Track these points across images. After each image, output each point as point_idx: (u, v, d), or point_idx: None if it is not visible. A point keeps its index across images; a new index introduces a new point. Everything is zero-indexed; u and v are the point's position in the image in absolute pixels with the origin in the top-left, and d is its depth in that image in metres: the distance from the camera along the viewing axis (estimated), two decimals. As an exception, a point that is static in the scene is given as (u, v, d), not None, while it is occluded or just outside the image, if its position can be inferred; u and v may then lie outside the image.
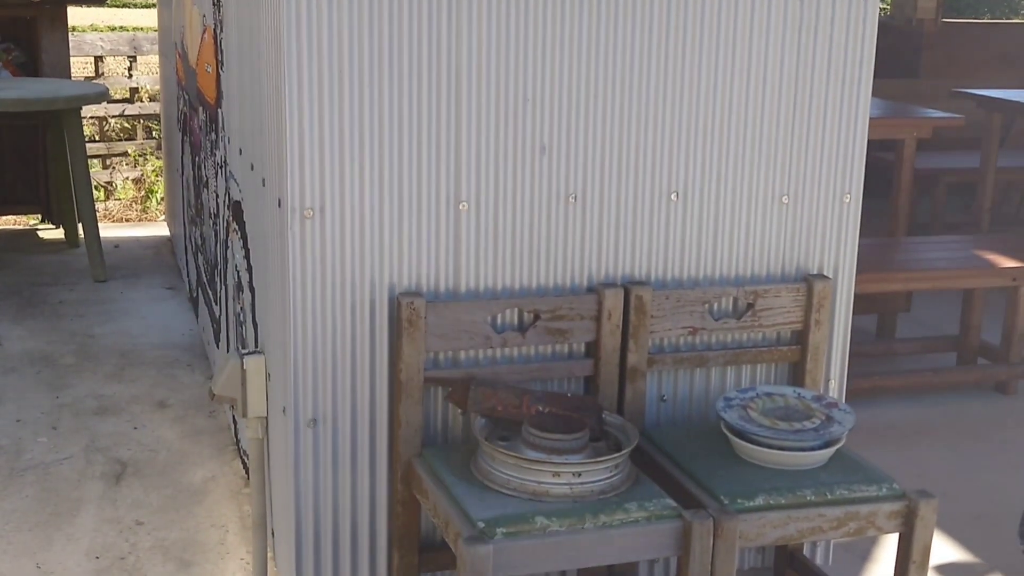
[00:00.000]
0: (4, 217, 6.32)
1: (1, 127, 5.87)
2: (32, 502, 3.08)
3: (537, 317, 2.38)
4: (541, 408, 2.25)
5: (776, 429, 2.29)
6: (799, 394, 2.43)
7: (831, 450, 2.30)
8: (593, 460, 2.13)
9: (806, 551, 2.73)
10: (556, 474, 2.11)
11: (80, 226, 5.28)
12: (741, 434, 2.30)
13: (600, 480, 2.13)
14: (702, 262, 2.52)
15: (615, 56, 2.35)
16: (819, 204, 2.58)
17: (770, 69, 2.47)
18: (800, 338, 2.59)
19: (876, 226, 4.53)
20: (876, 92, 2.63)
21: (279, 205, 2.26)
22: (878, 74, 2.58)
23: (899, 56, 7.06)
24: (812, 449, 2.28)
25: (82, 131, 5.15)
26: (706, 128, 2.45)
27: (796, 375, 2.62)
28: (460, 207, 2.32)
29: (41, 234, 5.95)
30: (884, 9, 10.06)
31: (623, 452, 2.17)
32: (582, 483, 2.12)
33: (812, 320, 2.56)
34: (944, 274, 4.05)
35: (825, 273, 2.61)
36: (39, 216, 6.21)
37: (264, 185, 2.43)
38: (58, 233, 5.84)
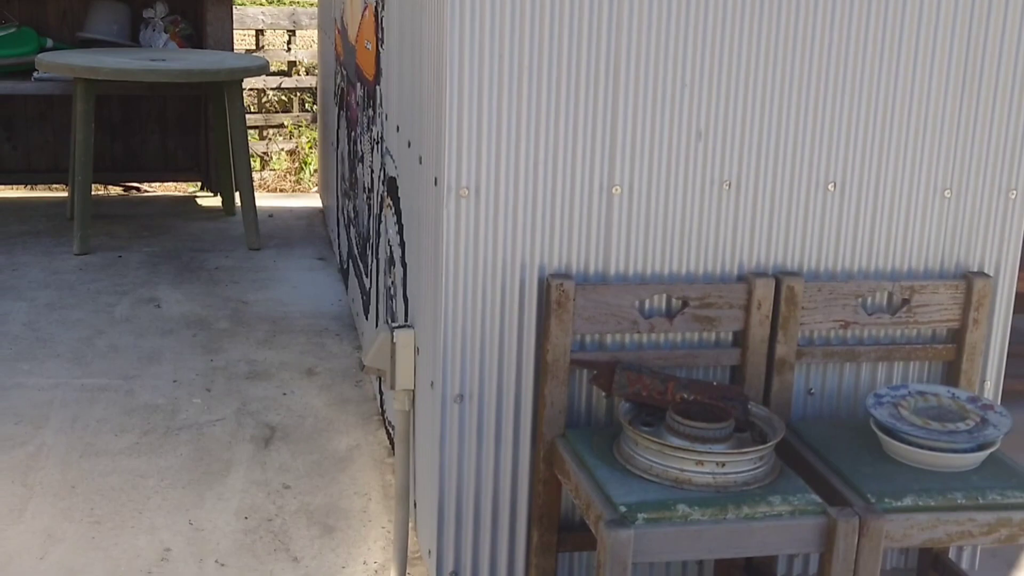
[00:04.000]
0: (165, 184, 6.56)
1: (165, 97, 6.09)
2: (186, 460, 3.21)
3: (685, 304, 2.37)
4: (686, 395, 2.24)
5: (928, 429, 2.24)
6: (953, 394, 2.37)
7: (984, 453, 2.24)
8: (738, 451, 2.12)
9: (951, 554, 2.66)
10: (700, 463, 2.10)
11: (237, 195, 5.44)
12: (891, 432, 2.26)
13: (744, 471, 2.11)
14: (857, 254, 2.47)
15: (775, 41, 2.32)
16: (983, 199, 2.50)
17: (937, 57, 2.40)
18: (956, 337, 2.52)
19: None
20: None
21: (435, 183, 2.30)
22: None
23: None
24: (965, 451, 2.22)
25: (243, 103, 5.30)
26: (868, 117, 2.40)
27: (950, 375, 2.56)
28: (613, 191, 2.32)
29: (200, 201, 6.15)
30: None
31: (769, 444, 2.15)
32: (726, 473, 2.10)
33: (970, 319, 2.49)
34: (1110, 276, 3.88)
35: (986, 271, 2.54)
36: (198, 184, 6.42)
37: (421, 163, 2.47)
38: (216, 201, 6.03)
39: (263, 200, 6.03)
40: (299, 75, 7.59)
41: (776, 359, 2.42)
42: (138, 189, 6.55)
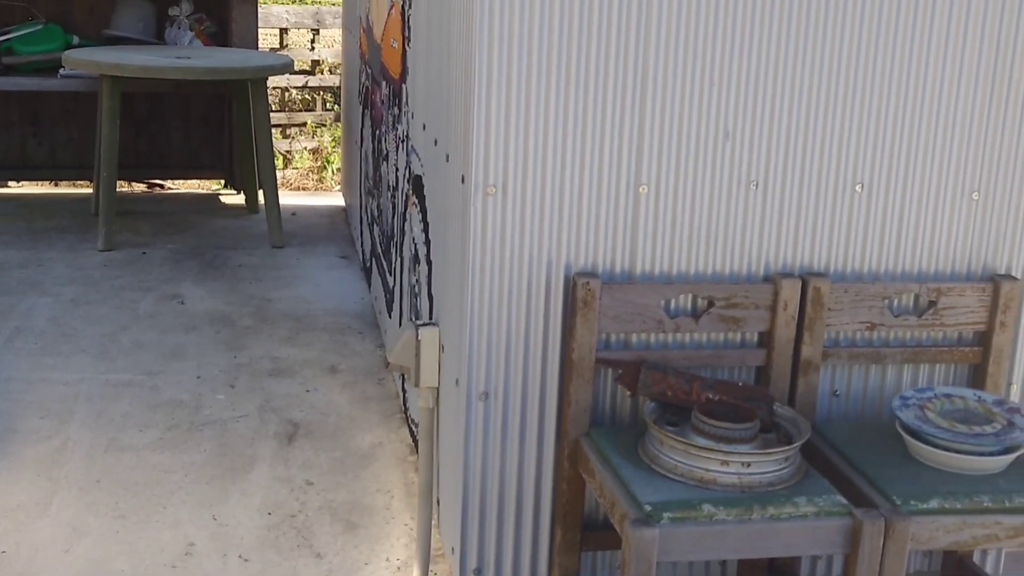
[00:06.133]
0: (189, 181, 6.59)
1: (190, 95, 6.11)
2: (210, 456, 3.22)
3: (711, 304, 2.37)
4: (711, 395, 2.24)
5: (954, 431, 2.23)
6: (979, 397, 2.36)
7: (1011, 456, 2.23)
8: (764, 451, 2.12)
9: (975, 558, 2.65)
10: (725, 463, 2.10)
11: (260, 193, 5.46)
12: (917, 434, 2.25)
13: (770, 472, 2.11)
14: (884, 256, 2.47)
15: (803, 41, 2.31)
16: (1011, 202, 2.49)
17: (966, 59, 2.39)
18: (983, 340, 2.51)
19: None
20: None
21: (462, 181, 2.30)
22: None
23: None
24: (991, 454, 2.22)
25: (267, 101, 5.32)
26: (896, 118, 2.39)
27: (976, 378, 2.55)
28: (640, 190, 2.32)
29: (223, 199, 6.17)
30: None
31: (795, 445, 2.14)
32: (751, 473, 2.10)
33: (997, 322, 2.48)
34: None
35: (1013, 274, 2.53)
36: (222, 181, 6.45)
37: (448, 161, 2.48)
38: (239, 199, 6.05)
39: (286, 198, 6.04)
40: (322, 74, 7.61)
41: (801, 360, 2.42)
42: (162, 186, 6.58)
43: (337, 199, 6.31)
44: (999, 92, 2.42)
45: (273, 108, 7.51)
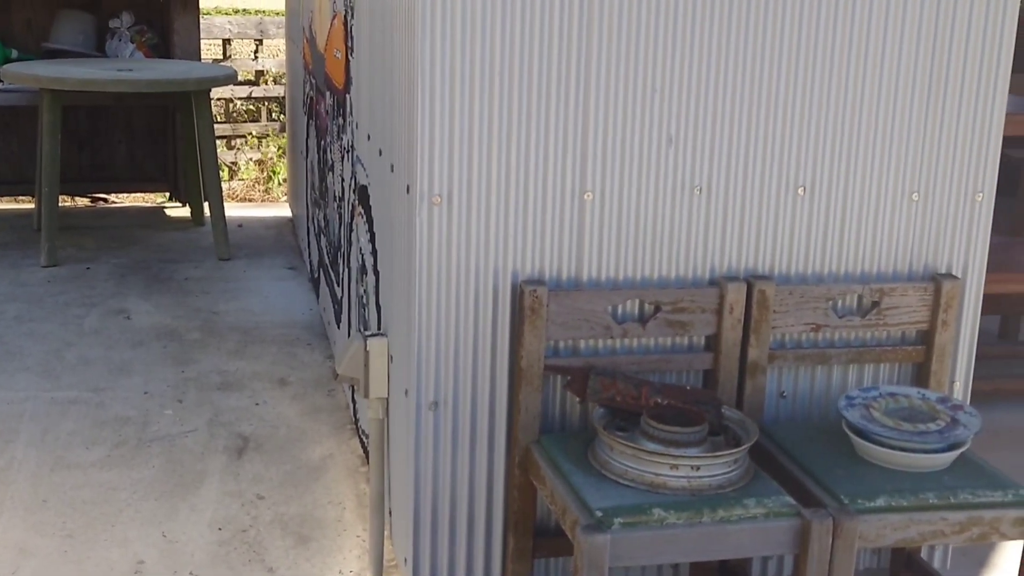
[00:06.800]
0: (134, 194, 6.52)
1: (133, 107, 6.06)
2: (159, 472, 3.19)
3: (658, 309, 2.38)
4: (660, 400, 2.25)
5: (899, 430, 2.26)
6: (923, 395, 2.39)
7: (955, 453, 2.26)
8: (712, 454, 2.13)
9: (923, 554, 2.69)
10: (674, 467, 2.11)
11: (206, 205, 5.42)
12: (863, 434, 2.28)
13: (718, 475, 2.13)
14: (827, 258, 2.49)
15: (745, 47, 2.33)
16: (950, 202, 2.53)
17: (904, 63, 2.42)
18: (926, 338, 2.55)
19: (1001, 225, 4.41)
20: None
21: (408, 191, 2.30)
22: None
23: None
24: (936, 452, 2.24)
25: (211, 112, 5.28)
26: (836, 122, 2.42)
27: (920, 376, 2.58)
28: (585, 197, 2.33)
29: (168, 212, 6.12)
30: (1016, 1, 9.71)
31: (743, 447, 2.16)
32: (700, 477, 2.11)
33: (939, 320, 2.51)
34: (1074, 276, 3.93)
35: (954, 273, 2.57)
36: (167, 194, 6.39)
37: (393, 171, 2.47)
38: (184, 211, 6.01)
39: (232, 210, 6.00)
40: (267, 84, 7.57)
41: (748, 363, 2.44)
42: (105, 200, 6.51)
43: (284, 210, 6.27)
44: (936, 94, 2.46)
45: (217, 119, 7.45)
